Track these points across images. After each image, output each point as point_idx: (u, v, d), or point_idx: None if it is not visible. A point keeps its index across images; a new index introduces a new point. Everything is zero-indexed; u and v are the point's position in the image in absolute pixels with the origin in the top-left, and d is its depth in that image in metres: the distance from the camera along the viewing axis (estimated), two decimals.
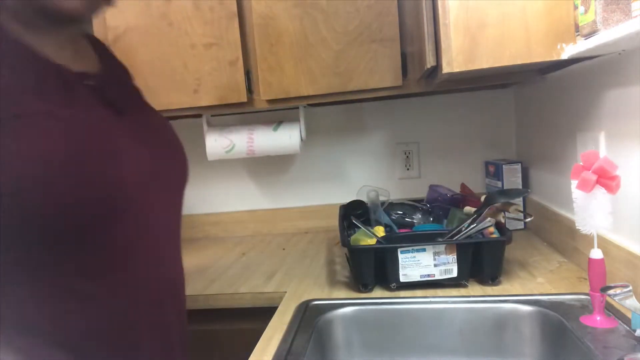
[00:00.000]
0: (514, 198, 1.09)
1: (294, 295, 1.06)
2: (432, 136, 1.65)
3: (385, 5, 1.22)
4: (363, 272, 1.03)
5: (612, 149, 0.92)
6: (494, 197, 1.09)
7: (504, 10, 0.84)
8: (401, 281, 1.02)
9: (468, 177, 1.62)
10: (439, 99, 1.63)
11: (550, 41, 0.84)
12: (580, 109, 1.05)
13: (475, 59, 0.86)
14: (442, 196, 1.38)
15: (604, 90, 0.93)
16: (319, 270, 1.24)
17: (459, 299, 0.96)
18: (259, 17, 1.27)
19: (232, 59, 1.30)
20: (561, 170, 1.19)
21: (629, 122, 0.85)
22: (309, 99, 1.32)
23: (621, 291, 0.70)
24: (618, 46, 0.78)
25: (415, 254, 1.01)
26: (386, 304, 0.97)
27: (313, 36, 1.26)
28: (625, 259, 0.87)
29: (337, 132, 1.69)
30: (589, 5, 0.74)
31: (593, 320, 0.79)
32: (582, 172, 0.77)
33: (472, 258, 1.01)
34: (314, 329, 0.89)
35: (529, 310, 0.90)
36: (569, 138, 1.11)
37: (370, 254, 1.03)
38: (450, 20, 0.85)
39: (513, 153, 1.62)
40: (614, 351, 0.71)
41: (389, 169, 1.68)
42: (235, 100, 1.31)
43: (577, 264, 1.09)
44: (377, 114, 1.67)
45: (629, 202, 0.85)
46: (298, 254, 1.42)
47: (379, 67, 1.24)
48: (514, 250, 1.24)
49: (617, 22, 0.70)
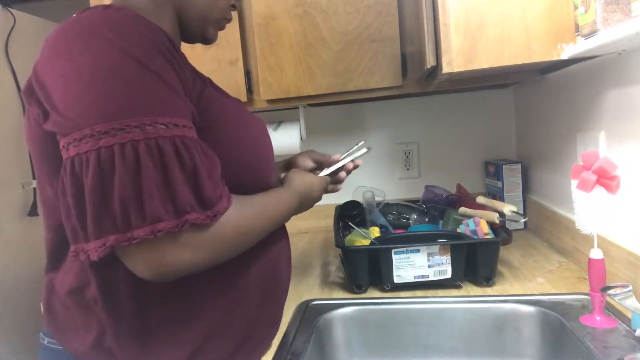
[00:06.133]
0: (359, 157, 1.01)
1: (294, 295, 1.06)
2: (432, 136, 1.65)
3: (385, 5, 1.22)
4: (357, 273, 1.03)
5: (612, 149, 0.92)
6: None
7: (504, 10, 0.84)
8: (395, 282, 1.01)
9: (468, 177, 1.62)
10: (439, 99, 1.63)
11: (550, 41, 0.84)
12: (580, 109, 1.04)
13: (475, 59, 0.86)
14: (438, 197, 1.38)
15: (604, 90, 0.93)
16: (318, 271, 1.24)
17: (458, 299, 0.96)
18: (259, 17, 1.27)
19: (232, 59, 1.29)
20: (561, 170, 1.19)
21: (629, 122, 0.85)
22: (309, 99, 1.32)
23: (621, 291, 0.70)
24: (618, 46, 0.78)
25: (409, 255, 1.01)
26: (386, 304, 0.97)
27: (313, 36, 1.25)
28: (625, 259, 0.87)
29: (337, 132, 1.69)
30: (589, 5, 0.74)
31: (593, 320, 0.79)
32: (582, 172, 0.77)
33: (466, 259, 1.01)
34: (313, 329, 0.89)
35: (529, 310, 0.90)
36: (569, 138, 1.11)
37: (364, 255, 1.02)
38: (450, 20, 0.85)
39: (513, 153, 1.62)
40: (614, 351, 0.71)
41: (389, 169, 1.68)
42: None
43: (577, 264, 1.09)
44: (377, 114, 1.67)
45: (629, 202, 0.85)
46: (297, 254, 1.42)
47: (378, 67, 1.24)
48: (514, 250, 1.24)
49: (617, 22, 0.70)
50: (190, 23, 0.73)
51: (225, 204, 0.58)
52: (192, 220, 0.53)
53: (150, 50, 0.55)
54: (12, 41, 1.64)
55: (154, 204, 0.51)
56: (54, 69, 0.55)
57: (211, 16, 0.74)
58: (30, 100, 0.58)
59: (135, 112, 0.52)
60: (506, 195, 1.45)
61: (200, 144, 0.58)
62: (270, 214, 0.69)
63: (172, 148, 0.53)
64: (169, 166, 0.52)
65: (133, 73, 0.53)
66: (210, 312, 0.66)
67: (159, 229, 0.51)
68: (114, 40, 0.54)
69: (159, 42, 0.57)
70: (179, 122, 0.55)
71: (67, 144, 0.53)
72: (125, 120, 0.52)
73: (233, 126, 0.69)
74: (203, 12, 0.73)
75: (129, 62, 0.54)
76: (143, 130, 0.52)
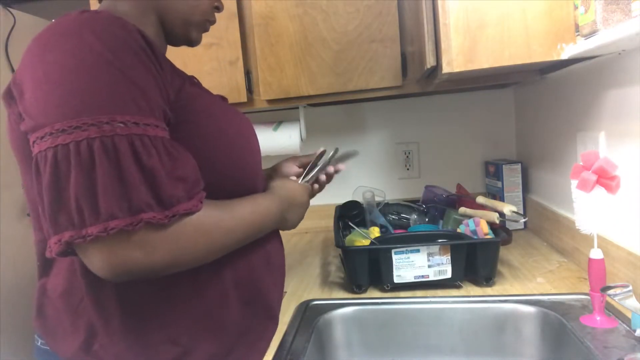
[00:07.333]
0: (344, 160, 1.00)
1: (294, 295, 1.06)
2: (432, 136, 1.65)
3: (385, 5, 1.22)
4: (357, 273, 1.03)
5: (612, 149, 0.92)
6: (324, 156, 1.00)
7: (504, 10, 0.84)
8: (395, 282, 1.01)
9: (468, 177, 1.62)
10: (439, 99, 1.63)
11: (550, 41, 0.84)
12: (580, 109, 1.04)
13: (475, 59, 0.86)
14: (438, 197, 1.38)
15: (604, 90, 0.93)
16: (318, 270, 1.24)
17: (459, 299, 0.95)
18: (259, 17, 1.27)
19: (232, 59, 1.29)
20: (561, 170, 1.19)
21: (629, 122, 0.85)
22: (308, 99, 1.32)
23: (621, 291, 0.70)
24: (618, 46, 0.78)
25: (409, 255, 1.01)
26: (386, 304, 0.97)
27: (313, 36, 1.25)
28: (625, 259, 0.87)
29: (337, 132, 1.69)
30: (589, 5, 0.74)
31: (593, 320, 0.79)
32: (582, 172, 0.77)
33: (467, 259, 1.01)
34: (313, 329, 0.89)
35: (529, 310, 0.89)
36: (569, 138, 1.11)
37: (364, 255, 1.02)
38: (450, 20, 0.85)
39: (513, 153, 1.62)
40: (614, 351, 0.71)
41: (389, 169, 1.68)
42: (235, 100, 1.31)
43: (577, 264, 1.09)
44: (377, 114, 1.67)
45: (629, 202, 0.85)
46: (298, 254, 1.42)
47: (378, 67, 1.24)
48: (514, 250, 1.24)
49: (617, 22, 0.70)
50: (173, 26, 0.74)
51: (188, 204, 0.57)
52: (147, 219, 0.53)
53: (121, 49, 0.56)
54: (12, 41, 1.64)
55: (108, 202, 0.51)
56: (28, 71, 0.56)
57: (193, 18, 0.75)
58: (10, 102, 0.59)
59: (95, 110, 0.52)
60: (506, 195, 1.45)
61: (165, 143, 0.57)
62: (246, 219, 0.67)
63: (129, 146, 0.53)
64: (124, 164, 0.52)
65: (98, 71, 0.54)
66: (200, 309, 0.66)
67: (112, 227, 0.51)
68: (85, 39, 0.54)
69: (132, 41, 0.57)
70: (141, 120, 0.55)
71: (32, 142, 0.54)
72: (83, 118, 0.52)
73: (215, 118, 0.68)
74: (185, 14, 0.73)
75: (96, 61, 0.54)
76: (99, 128, 0.52)
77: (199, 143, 0.64)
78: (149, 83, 0.57)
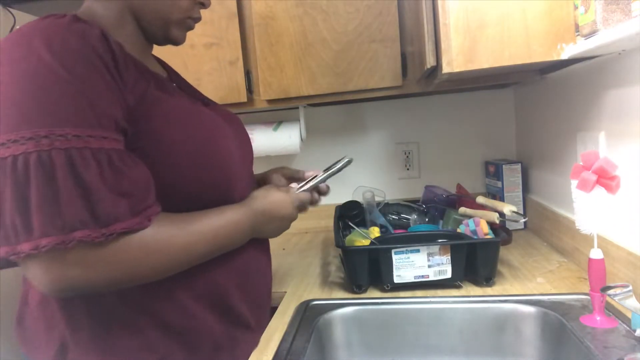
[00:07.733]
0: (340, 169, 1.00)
1: (294, 295, 1.06)
2: (432, 136, 1.65)
3: (385, 5, 1.22)
4: (357, 273, 1.03)
5: (612, 149, 0.92)
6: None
7: (503, 10, 0.84)
8: (395, 282, 1.01)
9: (468, 177, 1.62)
10: (439, 99, 1.63)
11: (550, 41, 0.84)
12: (580, 109, 1.04)
13: (475, 59, 0.86)
14: (438, 197, 1.38)
15: (604, 90, 0.93)
16: (318, 270, 1.24)
17: (459, 299, 0.95)
18: (259, 17, 1.27)
19: (232, 59, 1.30)
20: (561, 170, 1.19)
21: (629, 122, 0.85)
22: (308, 99, 1.32)
23: (621, 291, 0.70)
24: (618, 46, 0.78)
25: (409, 255, 1.01)
26: (386, 304, 0.97)
27: (313, 36, 1.25)
28: (625, 259, 0.87)
29: (337, 132, 1.69)
30: (589, 5, 0.74)
31: (593, 320, 0.79)
32: (582, 172, 0.77)
33: (467, 259, 1.01)
34: (313, 329, 0.89)
35: (529, 310, 0.89)
36: (569, 138, 1.11)
37: (364, 255, 1.02)
38: (450, 20, 0.85)
39: (513, 153, 1.62)
40: (614, 351, 0.71)
41: (389, 169, 1.68)
42: (235, 100, 1.31)
43: (577, 264, 1.09)
44: (377, 114, 1.67)
45: (629, 202, 0.85)
46: (298, 254, 1.42)
47: (378, 67, 1.24)
48: (514, 250, 1.24)
49: (617, 22, 0.70)
50: (152, 26, 0.72)
51: (129, 223, 0.54)
52: (80, 237, 0.51)
53: (71, 58, 0.54)
54: None
55: (41, 219, 0.50)
56: None
57: (172, 17, 0.73)
58: None
59: (34, 123, 0.51)
60: (506, 195, 1.45)
61: (112, 155, 0.55)
62: (207, 234, 0.64)
63: (66, 160, 0.51)
64: (60, 180, 0.51)
65: (43, 82, 0.52)
66: (168, 317, 0.65)
67: (43, 244, 0.50)
68: (34, 49, 0.53)
69: (87, 49, 0.55)
70: (84, 132, 0.53)
71: None
72: (22, 132, 0.51)
73: (180, 123, 0.66)
74: (162, 13, 0.71)
75: (41, 71, 0.52)
76: (37, 142, 0.50)
77: (163, 149, 0.61)
78: (100, 93, 0.55)
